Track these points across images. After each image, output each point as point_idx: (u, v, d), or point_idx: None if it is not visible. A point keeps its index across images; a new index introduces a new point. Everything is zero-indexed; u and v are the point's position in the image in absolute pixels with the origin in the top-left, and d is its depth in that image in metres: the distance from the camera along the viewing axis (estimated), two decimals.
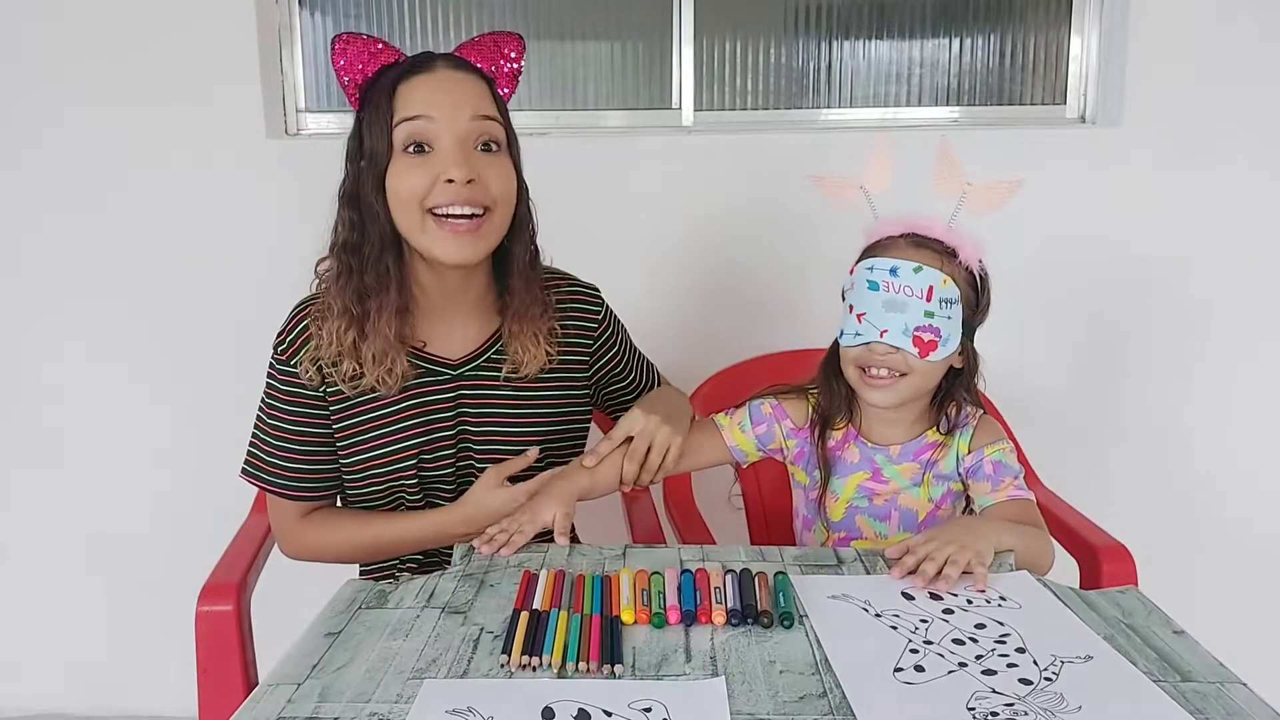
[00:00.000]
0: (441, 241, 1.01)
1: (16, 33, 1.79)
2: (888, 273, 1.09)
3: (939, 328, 1.08)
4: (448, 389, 1.11)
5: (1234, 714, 0.69)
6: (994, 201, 1.11)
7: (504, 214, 1.05)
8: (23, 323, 1.91)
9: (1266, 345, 1.90)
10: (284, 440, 1.11)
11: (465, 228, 1.01)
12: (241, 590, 1.14)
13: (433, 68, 1.03)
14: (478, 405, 1.13)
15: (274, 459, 1.12)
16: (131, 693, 2.04)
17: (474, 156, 1.01)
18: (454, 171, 0.98)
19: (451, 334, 1.12)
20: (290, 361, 1.09)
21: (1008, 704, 0.71)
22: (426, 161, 1.00)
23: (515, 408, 1.14)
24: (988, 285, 1.15)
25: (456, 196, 0.99)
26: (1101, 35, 1.88)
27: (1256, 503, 1.95)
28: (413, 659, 0.78)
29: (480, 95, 1.03)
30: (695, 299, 1.88)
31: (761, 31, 1.92)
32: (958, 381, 1.17)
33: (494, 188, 1.02)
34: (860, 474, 1.19)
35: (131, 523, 1.97)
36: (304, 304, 1.12)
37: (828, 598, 0.90)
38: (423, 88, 1.01)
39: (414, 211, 1.01)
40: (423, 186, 0.99)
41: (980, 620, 0.85)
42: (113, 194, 1.85)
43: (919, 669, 0.76)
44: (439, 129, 0.99)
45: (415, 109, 0.99)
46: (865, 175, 1.13)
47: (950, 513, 1.19)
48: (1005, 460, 1.15)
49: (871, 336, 1.09)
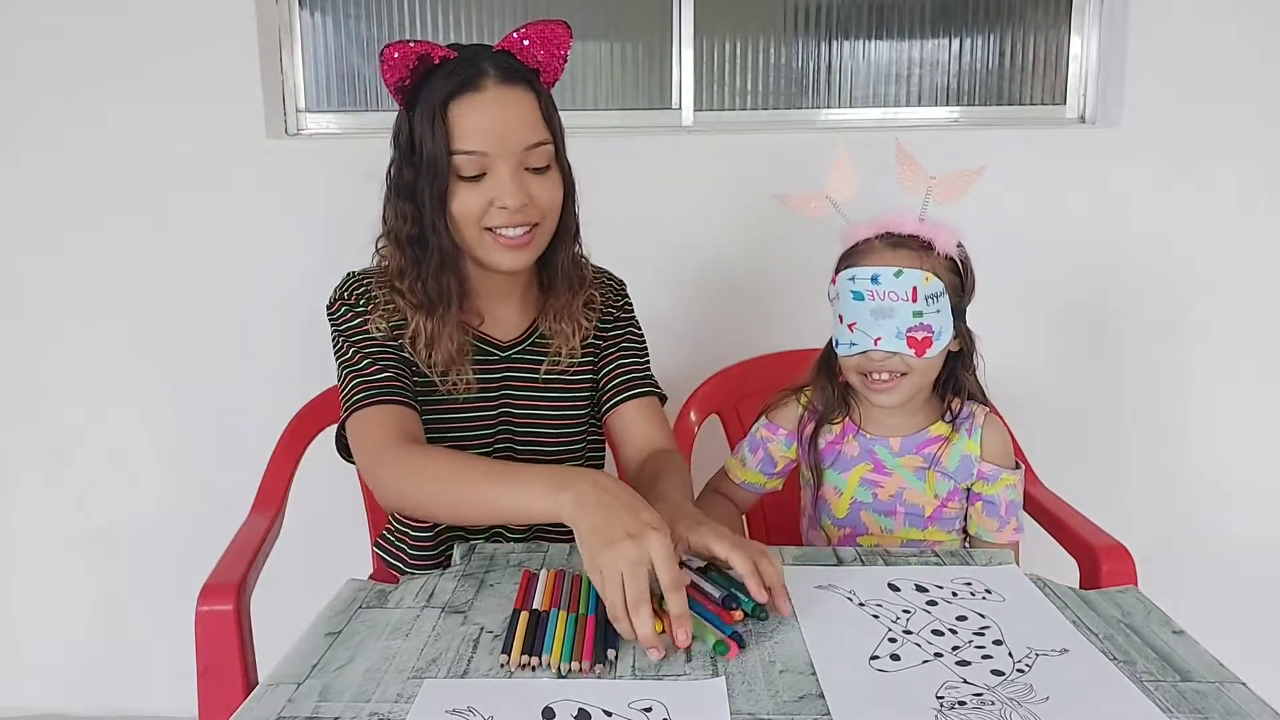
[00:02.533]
0: (497, 253, 1.08)
1: (16, 33, 1.79)
2: (869, 281, 1.10)
3: (930, 324, 1.10)
4: (496, 369, 1.16)
5: (1233, 713, 0.69)
6: (959, 191, 1.12)
7: (551, 222, 1.12)
8: (23, 322, 1.91)
9: (1266, 345, 1.90)
10: (373, 356, 1.09)
11: (518, 242, 1.08)
12: (241, 590, 1.14)
13: (483, 85, 1.04)
14: (522, 390, 1.17)
15: (366, 377, 1.08)
16: (131, 693, 2.04)
17: (526, 180, 1.06)
18: (508, 200, 1.04)
19: (499, 320, 1.18)
20: (360, 304, 1.12)
21: (976, 694, 0.72)
22: (482, 187, 1.05)
23: (560, 392, 1.19)
24: (969, 266, 1.16)
25: (511, 220, 1.06)
26: (1101, 35, 1.88)
27: (1256, 502, 1.95)
28: (413, 659, 0.78)
29: (532, 117, 1.06)
30: (695, 299, 1.88)
31: (761, 31, 1.92)
32: (958, 363, 1.18)
33: (544, 205, 1.08)
34: (862, 466, 1.20)
35: (131, 523, 1.97)
36: (357, 275, 1.15)
37: (814, 588, 0.92)
38: (475, 115, 1.03)
39: (473, 229, 1.07)
40: (479, 209, 1.06)
41: (963, 612, 0.87)
42: (113, 194, 1.85)
43: (894, 658, 0.78)
44: (492, 160, 1.04)
45: (470, 143, 1.03)
46: (829, 185, 1.14)
47: (958, 509, 1.20)
48: (1016, 498, 1.18)
49: (866, 345, 1.11)
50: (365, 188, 1.11)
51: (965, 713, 0.69)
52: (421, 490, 0.98)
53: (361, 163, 1.81)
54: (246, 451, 1.50)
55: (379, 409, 1.06)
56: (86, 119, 1.82)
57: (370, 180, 1.13)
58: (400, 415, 1.06)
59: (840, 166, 1.14)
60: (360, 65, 1.94)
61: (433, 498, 0.97)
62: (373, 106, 1.95)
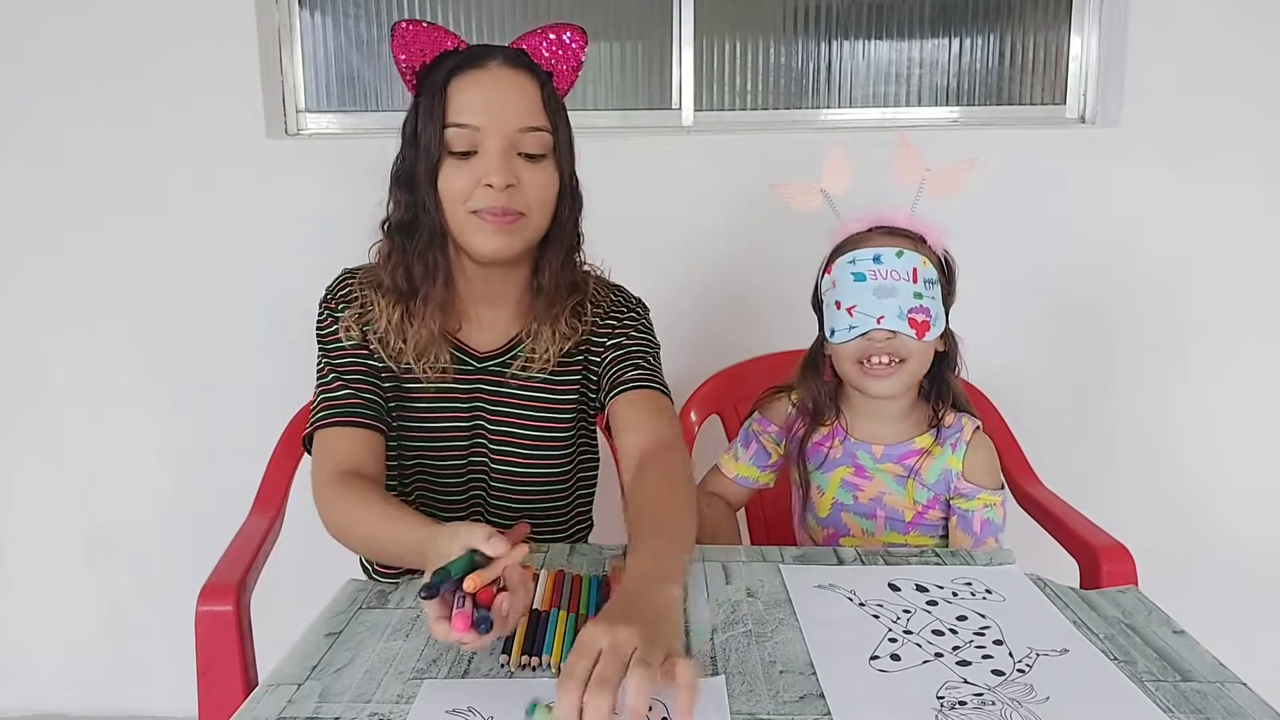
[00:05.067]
0: (480, 235, 1.04)
1: (17, 33, 1.79)
2: (872, 261, 1.10)
3: (928, 308, 1.11)
4: (468, 380, 1.12)
5: (1234, 713, 0.69)
6: (953, 183, 1.13)
7: (540, 219, 1.07)
8: (23, 322, 1.91)
9: (1266, 345, 1.90)
10: (339, 370, 1.09)
11: (501, 222, 1.04)
12: (241, 590, 1.14)
13: (486, 64, 1.03)
14: (495, 402, 1.13)
15: (330, 393, 1.08)
16: (131, 693, 2.04)
17: (515, 163, 1.04)
18: (493, 178, 1.01)
19: (483, 327, 1.14)
20: (339, 308, 1.12)
21: (977, 694, 0.72)
22: (471, 164, 1.03)
23: (537, 409, 1.13)
24: (954, 269, 1.17)
25: (496, 201, 1.02)
26: (1101, 35, 1.88)
27: (1256, 502, 1.95)
28: (413, 659, 0.78)
29: (531, 102, 1.05)
30: (695, 299, 1.88)
31: (761, 31, 1.92)
32: (944, 365, 1.19)
33: (531, 195, 1.04)
34: (843, 469, 1.20)
35: (131, 523, 1.97)
36: (351, 271, 1.16)
37: (814, 587, 0.92)
38: (473, 90, 1.02)
39: (458, 210, 1.04)
40: (466, 188, 1.03)
41: (963, 612, 0.87)
42: (113, 193, 1.85)
43: (895, 658, 0.78)
44: (484, 136, 1.02)
45: (464, 116, 1.02)
46: (824, 178, 1.14)
47: (939, 517, 1.20)
48: (994, 519, 1.18)
49: (868, 325, 1.10)
50: (365, 188, 1.11)
51: (965, 713, 0.69)
52: (348, 535, 0.99)
53: (361, 163, 1.83)
54: (246, 452, 1.50)
55: (333, 432, 1.06)
56: (86, 118, 1.82)
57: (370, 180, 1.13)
58: (352, 441, 1.05)
59: (835, 160, 1.14)
60: (360, 65, 1.94)
61: (344, 539, 1.00)
62: (373, 106, 1.95)
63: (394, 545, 0.92)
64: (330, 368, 1.09)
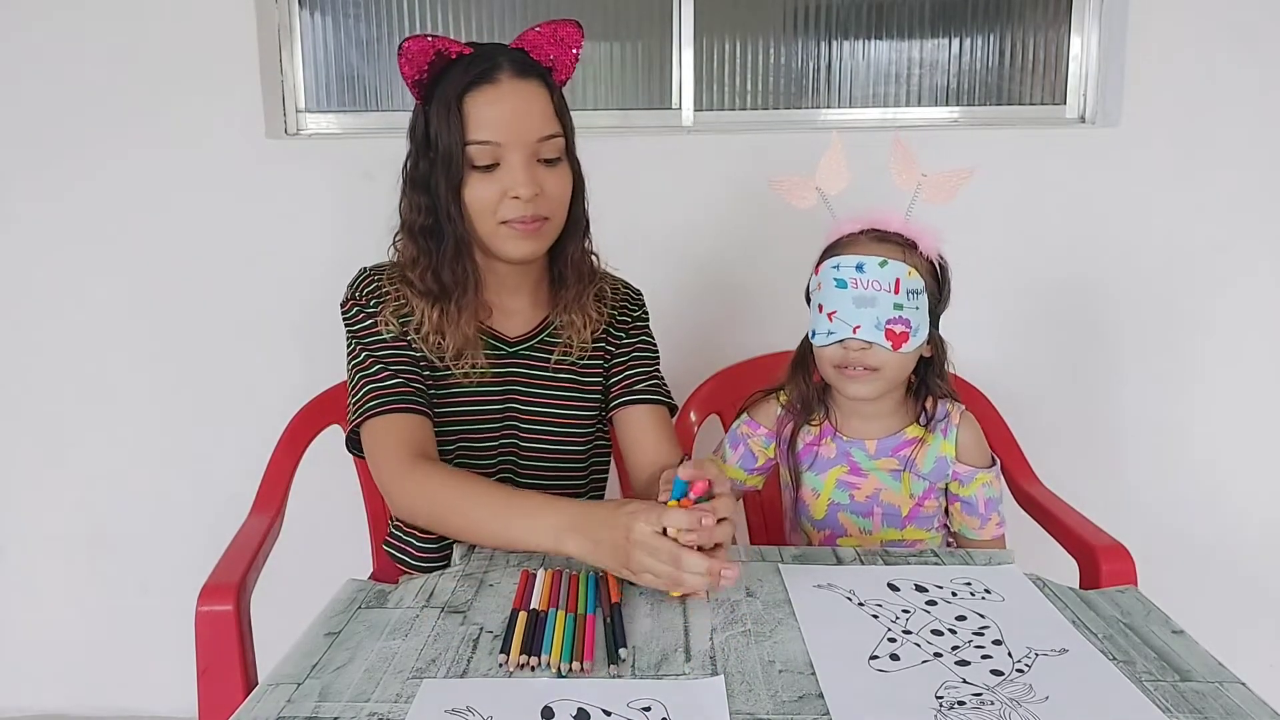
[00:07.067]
0: (511, 243, 1.09)
1: (16, 32, 1.79)
2: (854, 269, 1.10)
3: (909, 319, 1.10)
4: (502, 364, 1.16)
5: (1233, 713, 0.69)
6: (948, 192, 1.13)
7: (561, 215, 1.13)
8: (23, 322, 1.91)
9: (1265, 345, 1.89)
10: (385, 361, 1.12)
11: (529, 229, 1.09)
12: (241, 590, 1.14)
13: (497, 78, 1.06)
14: (529, 385, 1.17)
15: (378, 383, 1.10)
16: (131, 693, 2.04)
17: (538, 171, 1.08)
18: (521, 190, 1.06)
19: (510, 314, 1.19)
20: (371, 304, 1.14)
21: (975, 694, 0.72)
22: (495, 177, 1.07)
23: (568, 390, 1.19)
24: (948, 274, 1.17)
25: (524, 211, 1.07)
26: (1101, 35, 1.88)
27: (1256, 502, 1.95)
28: (412, 659, 0.79)
29: (544, 110, 1.08)
30: (695, 299, 1.88)
31: (761, 31, 1.92)
32: (929, 370, 1.19)
33: (554, 199, 1.10)
34: (838, 468, 1.20)
35: (132, 523, 1.97)
36: (376, 268, 1.17)
37: (814, 586, 0.92)
38: (491, 108, 1.05)
39: (487, 221, 1.09)
40: (493, 201, 1.07)
41: (962, 612, 0.87)
42: (113, 193, 1.85)
43: (894, 658, 0.78)
44: (505, 150, 1.06)
45: (484, 133, 1.05)
46: (820, 176, 1.14)
47: (935, 508, 1.20)
48: (993, 494, 1.19)
49: (844, 333, 1.11)
50: (365, 187, 1.12)
51: (965, 713, 0.69)
52: (431, 514, 1.04)
53: (361, 163, 1.83)
54: (246, 451, 1.51)
55: (391, 419, 1.08)
56: (86, 118, 1.82)
57: (370, 180, 1.14)
58: (412, 426, 1.08)
59: (832, 158, 1.14)
60: (360, 65, 1.94)
61: (439, 523, 1.03)
62: (373, 107, 1.95)
63: (519, 538, 0.96)
64: (374, 358, 1.12)
